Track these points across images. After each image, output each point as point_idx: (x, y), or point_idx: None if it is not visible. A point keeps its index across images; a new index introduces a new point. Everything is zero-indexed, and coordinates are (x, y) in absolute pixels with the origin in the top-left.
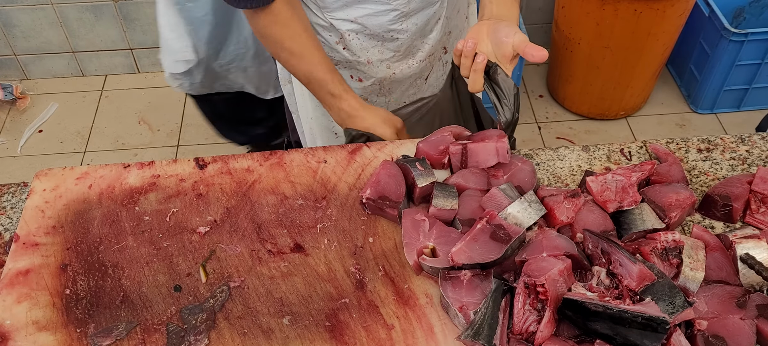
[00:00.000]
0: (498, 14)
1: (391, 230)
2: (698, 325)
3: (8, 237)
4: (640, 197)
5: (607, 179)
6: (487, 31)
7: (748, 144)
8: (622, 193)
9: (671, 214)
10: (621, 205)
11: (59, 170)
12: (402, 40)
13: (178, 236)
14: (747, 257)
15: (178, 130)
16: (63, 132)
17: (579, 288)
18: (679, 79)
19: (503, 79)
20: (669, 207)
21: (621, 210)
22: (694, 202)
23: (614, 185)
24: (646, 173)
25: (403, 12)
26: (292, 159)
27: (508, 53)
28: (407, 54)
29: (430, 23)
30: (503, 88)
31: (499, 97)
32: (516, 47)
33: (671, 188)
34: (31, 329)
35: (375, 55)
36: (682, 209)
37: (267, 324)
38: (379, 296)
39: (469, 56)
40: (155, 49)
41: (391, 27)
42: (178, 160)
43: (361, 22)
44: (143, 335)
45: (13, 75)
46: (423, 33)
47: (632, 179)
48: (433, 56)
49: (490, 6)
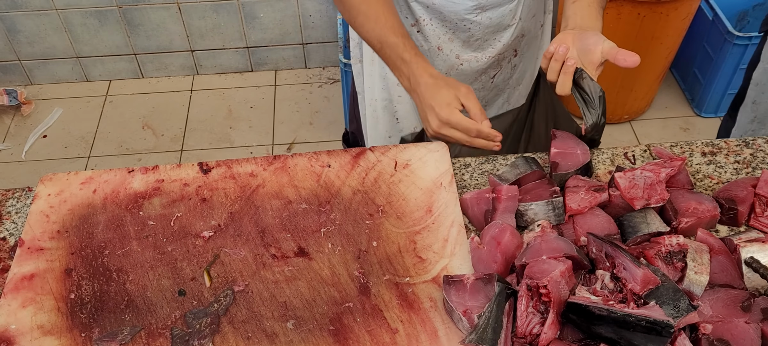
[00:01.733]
0: (582, 25)
1: (395, 234)
2: (703, 329)
3: (13, 242)
4: (667, 194)
5: (635, 175)
6: (573, 39)
7: (752, 147)
8: (650, 190)
9: (683, 219)
10: (648, 202)
11: (64, 175)
12: (474, 31)
13: (182, 240)
14: (752, 260)
15: (182, 135)
16: (67, 137)
17: (583, 292)
18: (683, 83)
19: (589, 84)
20: (684, 213)
21: (625, 213)
22: (715, 216)
23: (642, 181)
24: (675, 170)
25: (480, 4)
26: (295, 163)
27: (595, 60)
28: (477, 47)
29: (504, 21)
30: (589, 93)
31: (586, 101)
32: (606, 53)
33: (696, 196)
34: (36, 333)
35: (446, 43)
36: (699, 220)
37: (271, 328)
38: (383, 300)
39: (559, 59)
40: (158, 54)
41: (466, 16)
42: (182, 164)
43: (438, 7)
44: (148, 340)
45: (17, 80)
46: (496, 29)
47: (661, 176)
48: (503, 56)
49: (574, 17)
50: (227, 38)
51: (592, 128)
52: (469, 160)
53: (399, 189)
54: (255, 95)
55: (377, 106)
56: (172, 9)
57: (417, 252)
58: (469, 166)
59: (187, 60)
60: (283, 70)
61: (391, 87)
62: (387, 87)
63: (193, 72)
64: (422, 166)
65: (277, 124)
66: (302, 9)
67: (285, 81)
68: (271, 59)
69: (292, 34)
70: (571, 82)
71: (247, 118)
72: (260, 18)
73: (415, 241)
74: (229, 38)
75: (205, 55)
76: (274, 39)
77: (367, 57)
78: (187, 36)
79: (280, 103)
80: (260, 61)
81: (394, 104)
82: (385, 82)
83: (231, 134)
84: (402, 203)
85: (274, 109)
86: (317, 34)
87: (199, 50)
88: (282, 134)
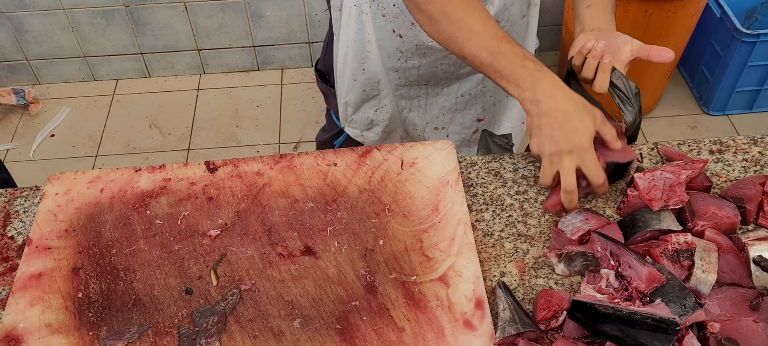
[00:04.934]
0: (600, 27)
1: (402, 233)
2: (711, 327)
3: (21, 241)
4: (687, 196)
5: (655, 176)
6: (598, 39)
7: (760, 145)
8: (669, 191)
9: (699, 222)
10: (666, 204)
11: (71, 174)
12: None
13: (189, 239)
14: (760, 259)
15: (189, 134)
16: (75, 136)
17: (588, 290)
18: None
19: (624, 82)
20: (702, 216)
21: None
22: (734, 224)
23: (662, 182)
24: (696, 172)
25: None
26: (302, 162)
27: (624, 59)
28: None
29: None
30: (624, 90)
31: (622, 99)
32: (636, 52)
33: (717, 201)
34: (44, 332)
35: None
36: (716, 225)
37: (278, 327)
38: (390, 299)
39: (596, 57)
40: (165, 53)
41: None
42: (189, 163)
43: None
44: (155, 338)
45: (25, 80)
46: None
47: (681, 178)
48: None
49: (591, 20)
50: (233, 37)
51: (632, 125)
52: (475, 159)
53: (405, 188)
54: (261, 94)
55: (348, 52)
56: (179, 8)
57: (423, 251)
58: (475, 164)
59: (193, 59)
60: (289, 69)
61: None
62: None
63: (199, 71)
64: (429, 165)
65: (284, 122)
66: (308, 7)
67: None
68: (278, 58)
69: (299, 32)
70: (609, 79)
71: (253, 117)
72: (266, 17)
73: (422, 239)
74: (235, 37)
75: (211, 54)
76: (281, 38)
77: (346, 8)
78: (193, 35)
79: (287, 101)
80: (267, 59)
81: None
82: (358, 34)
83: (237, 133)
84: (408, 202)
85: (281, 107)
86: (323, 32)
87: (205, 49)
88: (288, 133)
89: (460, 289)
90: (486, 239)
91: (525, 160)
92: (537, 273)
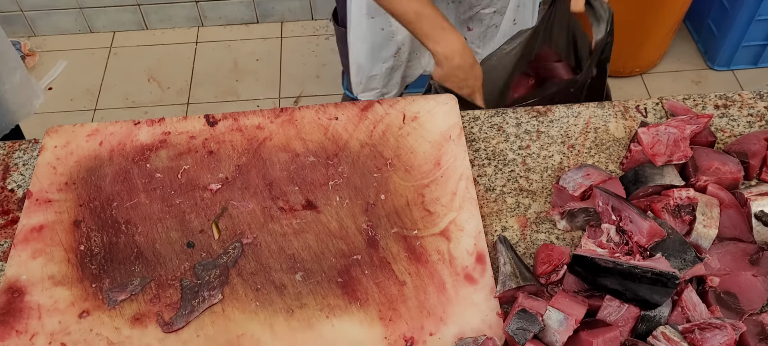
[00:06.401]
0: None
1: (403, 187)
2: (710, 281)
3: (21, 193)
4: (690, 152)
5: (659, 131)
6: None
7: (766, 100)
8: (674, 146)
9: (702, 177)
10: (670, 159)
11: (70, 127)
12: None
13: (189, 193)
14: (762, 214)
15: (188, 88)
16: (73, 90)
17: (589, 244)
18: (696, 35)
19: (599, 4)
20: (706, 171)
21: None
22: (737, 179)
23: (666, 137)
24: (701, 126)
25: None
26: (303, 116)
27: None
28: None
29: None
30: (599, 11)
31: (598, 18)
32: None
33: (721, 156)
34: (47, 283)
35: None
36: (719, 180)
37: (280, 280)
38: (391, 253)
39: None
40: (163, 5)
41: None
42: (188, 117)
43: None
44: (157, 290)
45: (20, 32)
46: None
47: (686, 132)
48: None
49: None
50: None
51: (601, 42)
52: (478, 113)
53: (407, 142)
54: (261, 48)
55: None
56: None
57: (425, 205)
58: (478, 119)
59: (191, 11)
60: (289, 22)
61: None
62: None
63: (197, 23)
64: (431, 119)
65: (284, 77)
66: None
67: (291, 33)
68: (277, 10)
69: None
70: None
71: (253, 70)
72: None
73: (424, 194)
74: None
75: (209, 6)
76: None
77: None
78: None
79: (287, 55)
80: (266, 12)
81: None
82: None
83: (237, 87)
84: (410, 156)
85: (281, 61)
86: None
87: (203, 1)
88: (289, 87)
89: (461, 243)
90: (488, 193)
91: (528, 115)
92: (538, 228)
